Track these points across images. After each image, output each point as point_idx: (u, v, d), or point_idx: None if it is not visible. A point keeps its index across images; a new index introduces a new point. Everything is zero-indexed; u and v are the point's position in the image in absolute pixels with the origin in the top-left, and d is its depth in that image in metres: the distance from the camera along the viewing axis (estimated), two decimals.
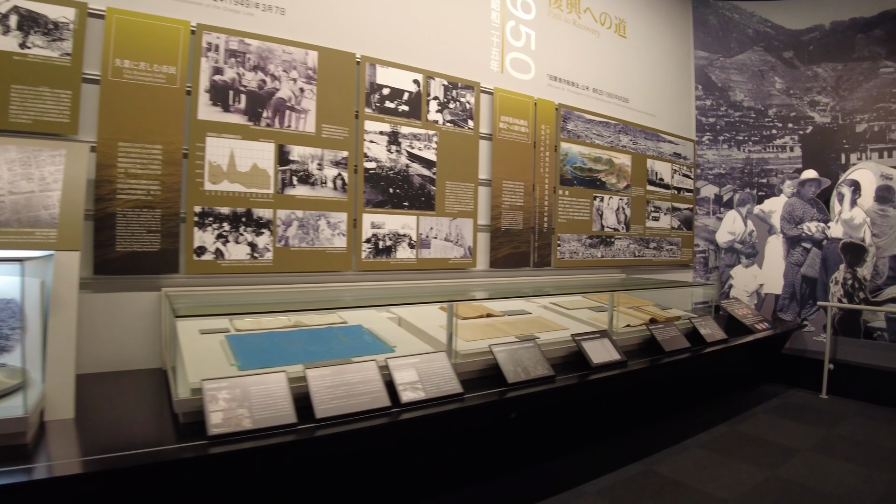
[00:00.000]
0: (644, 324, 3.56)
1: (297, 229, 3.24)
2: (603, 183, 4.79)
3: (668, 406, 3.88)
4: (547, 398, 2.67)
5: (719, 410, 4.11)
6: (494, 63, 4.08)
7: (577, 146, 4.58)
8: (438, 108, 3.72)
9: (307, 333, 2.86)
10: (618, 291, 4.17)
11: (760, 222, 5.50)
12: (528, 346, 2.76)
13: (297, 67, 3.25)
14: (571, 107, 4.55)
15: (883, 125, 5.40)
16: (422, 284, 3.61)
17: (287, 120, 3.22)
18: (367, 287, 3.41)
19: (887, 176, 5.15)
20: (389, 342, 2.75)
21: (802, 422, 3.99)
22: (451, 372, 2.42)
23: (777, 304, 5.33)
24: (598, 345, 3.04)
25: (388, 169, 3.51)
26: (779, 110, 5.81)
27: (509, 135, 4.08)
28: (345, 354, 2.56)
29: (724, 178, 5.90)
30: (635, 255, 5.11)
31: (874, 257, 5.01)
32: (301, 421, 2.01)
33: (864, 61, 5.53)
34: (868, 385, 4.56)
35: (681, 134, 5.68)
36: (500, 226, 4.03)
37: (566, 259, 4.50)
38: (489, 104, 4.01)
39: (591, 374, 2.82)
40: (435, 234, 3.69)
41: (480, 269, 3.95)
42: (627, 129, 5.04)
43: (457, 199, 3.79)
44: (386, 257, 3.51)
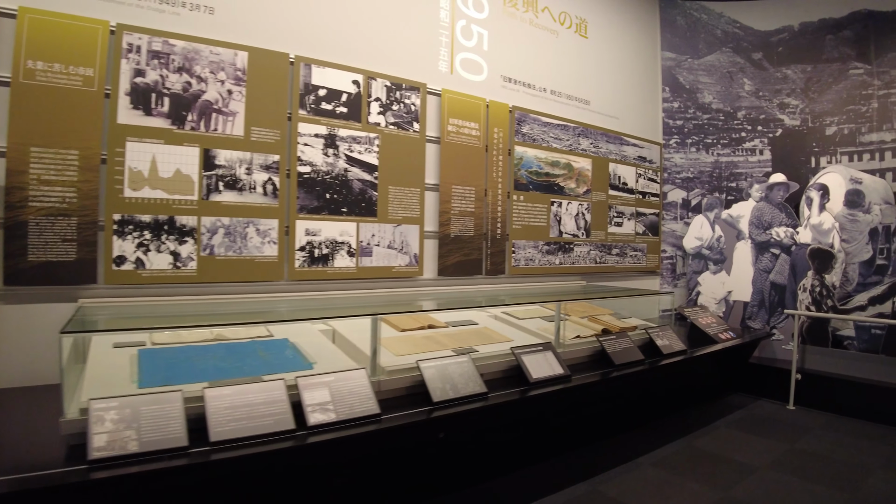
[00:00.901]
0: (595, 335, 3.44)
1: (223, 237, 3.11)
2: (561, 188, 4.69)
3: (621, 421, 3.76)
4: (478, 417, 2.55)
5: (679, 425, 4.00)
6: (443, 64, 3.98)
7: (532, 150, 4.48)
8: (381, 109, 3.61)
9: (225, 348, 2.73)
10: (569, 300, 4.06)
11: (728, 227, 5.41)
12: (460, 360, 2.63)
13: (226, 68, 3.13)
14: (527, 109, 4.45)
15: (853, 128, 5.34)
16: (362, 295, 3.48)
17: (213, 123, 3.10)
18: (300, 298, 3.29)
19: (856, 180, 5.08)
20: (311, 358, 2.63)
21: (765, 436, 3.88)
22: (368, 391, 2.29)
23: (746, 312, 5.24)
24: (539, 358, 2.92)
25: (325, 173, 3.40)
26: (748, 112, 5.75)
27: (459, 138, 3.98)
28: (258, 371, 2.43)
29: (692, 182, 5.82)
30: (597, 261, 5.01)
31: (843, 263, 4.94)
32: (194, 444, 1.89)
33: (833, 63, 5.48)
34: (836, 396, 4.48)
35: (647, 137, 5.60)
36: (449, 232, 3.91)
37: (522, 266, 4.39)
38: (437, 106, 3.90)
39: (530, 390, 2.70)
40: (377, 241, 3.57)
41: (428, 277, 3.83)
42: (588, 133, 4.95)
43: (401, 205, 3.68)
44: (322, 266, 3.39)
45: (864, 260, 4.90)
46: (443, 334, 3.13)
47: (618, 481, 3.03)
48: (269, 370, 2.45)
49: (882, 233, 4.87)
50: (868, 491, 3.04)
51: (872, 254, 4.89)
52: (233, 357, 2.61)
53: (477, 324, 3.47)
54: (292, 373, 2.36)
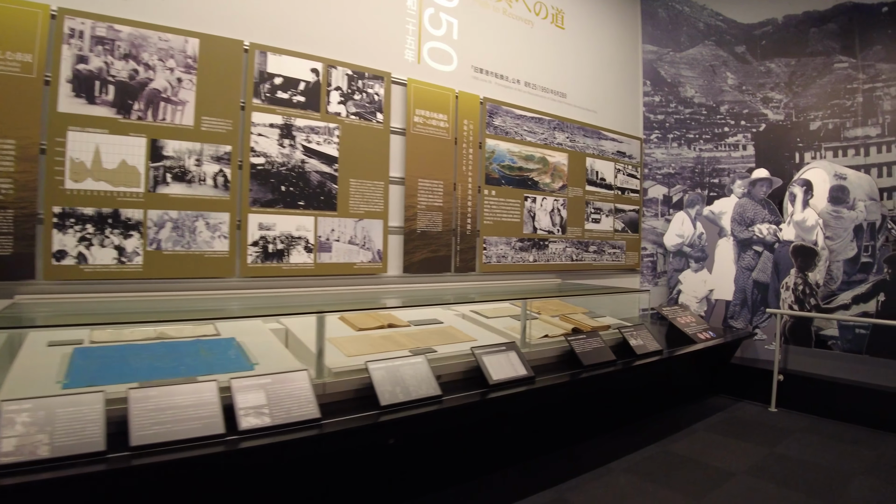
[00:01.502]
0: (564, 334, 3.33)
1: (170, 231, 2.99)
2: (535, 182, 4.59)
3: (593, 425, 3.65)
4: (432, 422, 2.44)
5: (655, 428, 3.89)
6: (410, 53, 3.87)
7: (505, 143, 4.37)
8: (341, 99, 3.49)
9: (167, 347, 2.61)
10: (537, 298, 3.96)
11: (710, 224, 5.32)
12: (414, 361, 2.51)
13: (175, 56, 3.02)
14: (499, 101, 4.34)
15: (837, 123, 5.26)
16: (320, 292, 3.36)
17: (162, 112, 2.98)
18: (252, 295, 3.17)
19: (841, 175, 5.00)
20: (254, 359, 2.51)
21: (744, 439, 3.78)
22: (309, 394, 2.16)
23: (728, 311, 5.14)
24: (502, 359, 2.80)
25: (280, 165, 3.28)
26: (731, 107, 5.66)
27: (426, 130, 3.87)
28: (195, 372, 2.31)
29: (673, 178, 5.73)
30: (573, 259, 4.90)
31: (827, 261, 4.85)
32: (112, 448, 1.77)
33: (817, 56, 5.40)
34: (818, 397, 4.39)
35: (626, 131, 5.50)
36: (416, 227, 3.80)
37: (493, 264, 4.27)
38: (402, 96, 3.79)
39: (489, 393, 2.58)
40: (337, 236, 3.45)
41: (392, 274, 3.71)
42: (564, 126, 4.85)
43: (363, 199, 3.56)
44: (277, 262, 3.27)
45: (848, 258, 4.82)
46: (403, 334, 3.01)
47: (586, 488, 2.92)
48: (207, 371, 2.34)
49: (867, 230, 4.79)
50: (846, 499, 2.94)
51: (857, 251, 4.81)
52: (172, 356, 2.49)
53: (442, 323, 3.35)
54: (230, 374, 2.24)
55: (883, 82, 5.07)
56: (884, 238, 4.76)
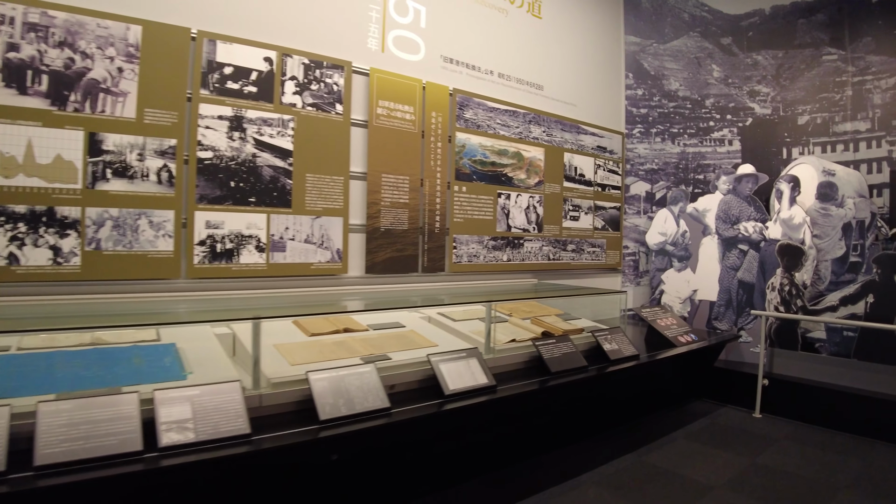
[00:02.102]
0: (533, 339, 3.20)
1: (111, 230, 2.85)
2: (509, 178, 4.46)
3: (565, 434, 3.52)
4: (379, 436, 2.30)
5: (632, 436, 3.76)
6: (373, 41, 3.73)
7: (477, 137, 4.24)
8: (297, 89, 3.35)
9: (99, 354, 2.46)
10: (507, 300, 3.84)
11: (694, 222, 5.20)
12: (362, 370, 2.37)
13: (116, 44, 2.87)
14: (470, 93, 4.20)
15: (826, 117, 5.16)
16: (273, 294, 3.22)
17: (101, 104, 2.83)
18: (199, 298, 3.02)
19: (829, 171, 4.89)
20: (189, 367, 2.37)
21: (726, 448, 3.64)
22: (240, 407, 2.02)
23: (712, 312, 5.03)
24: (461, 366, 2.66)
25: (230, 159, 3.13)
26: (716, 100, 5.55)
27: (390, 122, 3.73)
28: (122, 381, 2.18)
29: (656, 174, 5.61)
30: (550, 258, 4.78)
31: (815, 260, 4.74)
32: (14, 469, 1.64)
33: (805, 48, 5.29)
34: (804, 403, 4.27)
35: (607, 126, 5.38)
36: (379, 225, 3.66)
37: (464, 263, 4.14)
38: (364, 87, 3.64)
39: (446, 404, 2.44)
40: (291, 234, 3.31)
41: (354, 275, 3.57)
42: (541, 120, 4.72)
43: (321, 195, 3.42)
44: (226, 262, 3.12)
45: (836, 257, 4.71)
46: (359, 339, 2.88)
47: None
48: (135, 380, 2.20)
49: (856, 228, 4.68)
50: None
51: (846, 250, 4.70)
52: (102, 364, 2.35)
53: (404, 327, 3.22)
54: (158, 384, 2.11)
55: (873, 75, 4.97)
56: (873, 236, 4.66)
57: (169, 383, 2.13)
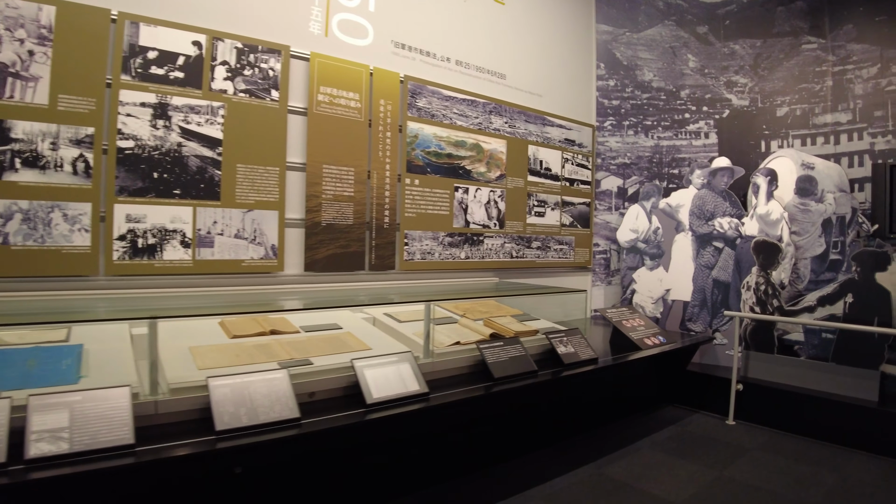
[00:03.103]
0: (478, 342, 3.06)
1: (20, 224, 2.72)
2: (468, 171, 4.34)
3: (516, 445, 3.38)
4: (287, 449, 2.17)
5: (593, 446, 3.61)
6: (316, 25, 3.61)
7: (431, 127, 4.12)
8: (228, 75, 3.23)
9: None
10: (464, 299, 3.72)
11: (667, 218, 5.10)
12: (272, 377, 2.21)
13: (26, 25, 2.74)
14: (423, 80, 4.09)
15: (805, 108, 5.07)
16: (200, 293, 3.10)
17: (9, 89, 2.71)
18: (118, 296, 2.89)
19: (809, 165, 4.80)
20: (86, 371, 2.24)
21: (693, 459, 3.48)
22: (127, 415, 1.89)
23: (686, 313, 4.92)
24: (390, 372, 2.52)
25: (153, 149, 3.01)
26: (692, 92, 5.45)
27: (332, 110, 3.61)
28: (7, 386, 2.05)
29: (629, 169, 5.51)
30: (513, 255, 4.66)
31: (792, 258, 4.64)
32: None
33: (784, 37, 5.20)
34: (780, 410, 4.13)
35: (577, 118, 5.27)
36: (320, 220, 3.54)
37: (417, 261, 4.02)
38: (304, 72, 3.52)
39: (368, 414, 2.30)
40: (220, 229, 3.19)
41: (291, 272, 3.45)
42: (503, 110, 4.61)
43: (254, 187, 3.30)
44: (148, 259, 3.00)
45: (816, 255, 4.61)
46: (284, 342, 2.75)
47: None
48: (20, 384, 2.07)
49: (836, 224, 4.59)
50: None
51: (826, 248, 4.61)
52: None
53: (341, 328, 3.09)
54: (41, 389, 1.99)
55: (854, 64, 4.88)
56: (854, 233, 4.56)
57: (51, 388, 2.01)
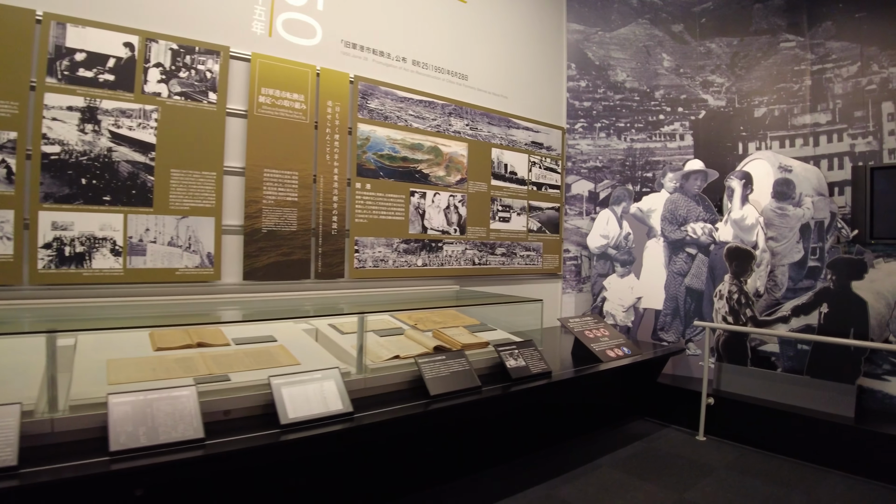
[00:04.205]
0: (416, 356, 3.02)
1: None
2: (425, 175, 4.33)
3: (462, 465, 3.33)
4: (191, 470, 2.10)
5: (551, 463, 3.55)
6: (259, 25, 3.61)
7: (384, 129, 4.10)
8: (162, 77, 3.22)
9: None
10: (414, 310, 3.70)
11: (638, 223, 5.07)
12: (178, 394, 2.16)
13: None
14: (375, 80, 4.07)
15: (784, 109, 5.05)
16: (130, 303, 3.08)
17: None
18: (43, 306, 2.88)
19: (786, 167, 4.76)
20: None
21: (654, 480, 3.41)
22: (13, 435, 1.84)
23: (657, 322, 4.89)
24: (312, 390, 2.46)
25: (81, 154, 3.00)
26: (667, 92, 5.43)
27: (275, 112, 3.59)
28: None
29: (600, 172, 5.49)
30: (475, 262, 4.64)
31: (769, 265, 4.61)
32: None
33: (762, 35, 5.19)
34: (752, 425, 4.07)
35: (545, 120, 5.26)
36: (260, 226, 3.52)
37: (368, 268, 4.00)
38: (245, 74, 3.51)
39: (283, 435, 2.24)
40: (153, 236, 3.18)
41: (230, 282, 3.43)
42: (464, 112, 4.59)
43: (189, 192, 3.28)
44: (76, 268, 2.98)
45: (794, 261, 4.58)
46: (209, 355, 2.73)
47: None
48: None
49: (815, 229, 4.55)
50: None
51: (804, 254, 4.57)
52: None
53: (275, 341, 3.07)
54: None
55: (833, 63, 4.86)
56: (833, 239, 4.53)
57: None
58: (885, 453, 3.55)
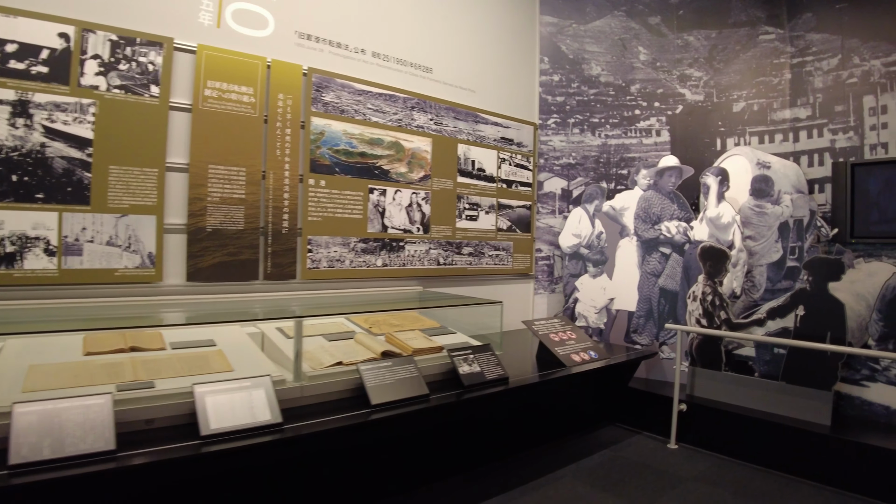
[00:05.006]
0: (369, 360, 2.98)
1: None
2: (385, 172, 4.28)
3: (414, 476, 3.29)
4: (98, 485, 2.03)
5: (513, 474, 3.50)
6: (207, 15, 3.56)
7: (340, 123, 4.06)
8: (101, 69, 3.18)
9: None
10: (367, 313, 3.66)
11: (611, 222, 5.04)
12: (90, 403, 2.10)
13: None
14: (330, 72, 4.02)
15: (763, 103, 5.02)
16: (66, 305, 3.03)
17: None
18: None
19: (765, 164, 4.73)
20: None
21: (619, 492, 3.35)
22: None
23: (630, 324, 4.86)
24: (240, 399, 2.40)
25: (12, 149, 2.95)
26: (643, 86, 5.40)
27: (222, 105, 3.54)
28: None
29: (574, 170, 5.46)
30: (440, 262, 4.61)
31: (745, 265, 4.58)
32: None
33: (741, 27, 5.17)
34: (725, 433, 4.03)
35: (515, 115, 5.23)
36: (205, 225, 3.47)
37: (323, 269, 3.96)
38: (190, 66, 3.47)
39: (204, 447, 2.17)
40: (90, 236, 3.13)
41: (173, 283, 3.38)
42: (427, 106, 4.55)
43: (129, 190, 3.24)
44: (6, 268, 2.93)
45: (773, 261, 4.55)
46: (139, 360, 2.67)
47: None
48: None
49: (794, 228, 4.52)
50: None
51: (783, 253, 4.54)
52: None
53: (214, 345, 3.02)
54: None
55: (814, 55, 4.84)
56: (813, 238, 4.50)
57: None
58: (860, 464, 3.51)
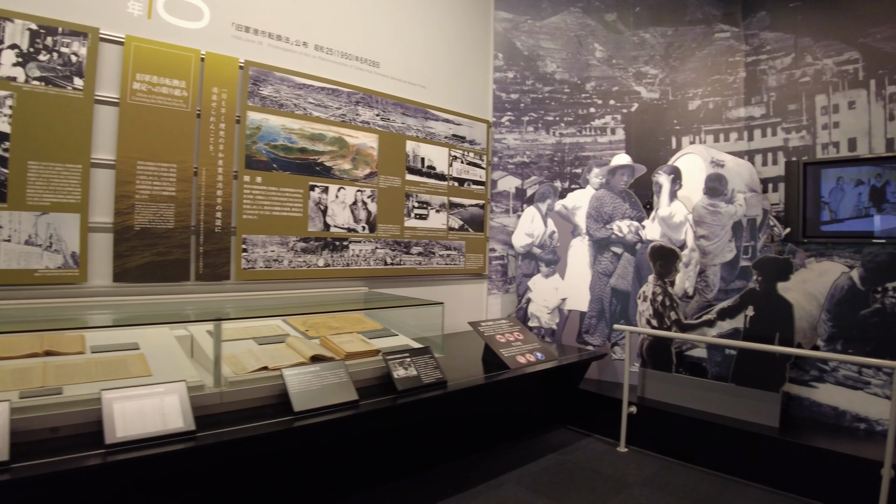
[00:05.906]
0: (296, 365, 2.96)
1: None
2: (327, 168, 4.28)
3: (349, 485, 3.29)
4: None
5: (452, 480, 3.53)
6: (137, 6, 3.52)
7: (279, 118, 4.04)
8: (19, 60, 3.12)
9: None
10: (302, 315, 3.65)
11: (563, 221, 5.10)
12: None
13: None
14: (268, 66, 4.01)
15: (718, 101, 5.12)
16: None
17: None
18: None
19: (718, 162, 4.82)
20: None
21: (561, 498, 3.37)
22: None
23: (583, 324, 4.92)
24: (151, 406, 2.36)
25: None
26: (598, 84, 5.48)
27: (151, 99, 3.51)
28: None
29: (528, 168, 5.51)
30: (387, 262, 4.62)
31: (697, 265, 4.66)
32: None
33: (697, 25, 5.27)
34: (674, 435, 4.12)
35: (468, 112, 5.27)
36: (133, 224, 3.44)
37: (260, 269, 3.94)
38: (118, 58, 3.43)
39: (109, 456, 2.13)
40: (7, 234, 3.07)
41: (98, 284, 3.34)
42: (373, 101, 4.56)
43: (50, 187, 3.19)
44: None
45: (726, 261, 4.64)
46: (53, 364, 2.64)
47: None
48: None
49: (747, 227, 4.62)
50: None
51: (736, 253, 4.63)
52: None
53: (137, 349, 2.99)
54: None
55: (768, 54, 4.95)
56: (766, 237, 4.60)
57: None
58: (807, 466, 3.60)
